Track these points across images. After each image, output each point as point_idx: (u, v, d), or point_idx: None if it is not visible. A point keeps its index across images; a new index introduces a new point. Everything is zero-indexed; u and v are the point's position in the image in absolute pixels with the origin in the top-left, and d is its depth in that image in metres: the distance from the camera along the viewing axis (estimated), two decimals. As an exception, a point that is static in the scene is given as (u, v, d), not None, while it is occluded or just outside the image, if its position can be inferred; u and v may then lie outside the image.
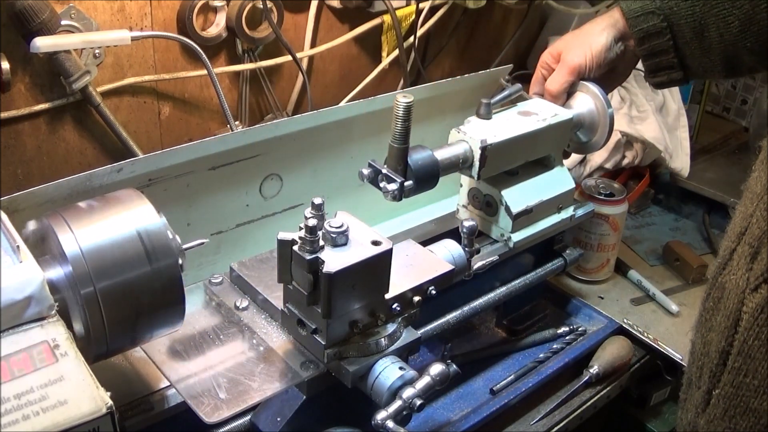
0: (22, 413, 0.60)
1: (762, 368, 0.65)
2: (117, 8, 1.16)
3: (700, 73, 1.07)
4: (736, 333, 0.67)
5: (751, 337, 0.65)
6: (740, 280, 0.67)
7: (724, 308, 0.68)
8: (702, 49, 1.03)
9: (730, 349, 0.68)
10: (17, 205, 0.84)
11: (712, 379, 0.70)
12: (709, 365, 0.70)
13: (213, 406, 0.81)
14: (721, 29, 1.01)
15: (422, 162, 0.98)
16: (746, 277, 0.66)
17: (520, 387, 1.11)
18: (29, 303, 0.66)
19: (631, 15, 1.05)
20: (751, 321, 0.65)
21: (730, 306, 0.68)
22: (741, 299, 0.67)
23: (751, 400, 0.66)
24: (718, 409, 0.70)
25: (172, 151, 0.97)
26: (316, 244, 0.81)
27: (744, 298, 0.66)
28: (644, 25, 1.04)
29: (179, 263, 0.77)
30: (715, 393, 0.70)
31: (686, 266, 1.43)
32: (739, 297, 0.67)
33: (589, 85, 1.16)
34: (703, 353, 0.71)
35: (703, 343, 0.72)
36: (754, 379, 0.66)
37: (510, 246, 1.11)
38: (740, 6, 0.99)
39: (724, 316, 0.68)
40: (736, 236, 0.70)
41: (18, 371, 0.63)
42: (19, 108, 1.13)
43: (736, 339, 0.67)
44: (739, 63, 1.04)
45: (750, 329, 0.65)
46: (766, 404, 0.65)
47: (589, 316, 1.30)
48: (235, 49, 1.34)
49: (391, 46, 1.52)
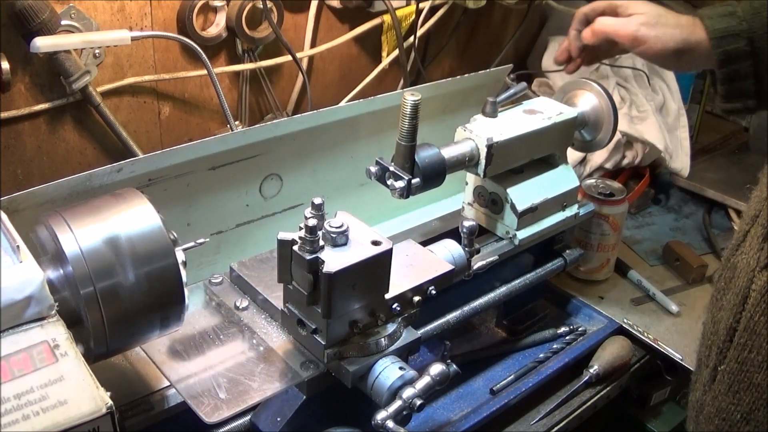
0: (22, 413, 0.60)
1: (766, 344, 0.66)
2: (117, 8, 1.16)
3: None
4: (743, 310, 0.68)
5: (758, 314, 0.66)
6: (751, 259, 0.68)
7: (734, 287, 0.69)
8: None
9: (737, 326, 0.69)
10: (17, 205, 0.84)
11: (718, 356, 0.71)
12: (717, 342, 0.71)
13: (213, 406, 0.81)
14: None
15: (429, 160, 0.98)
16: (757, 257, 0.67)
17: (520, 387, 1.11)
18: (29, 303, 0.66)
19: (716, 35, 0.99)
20: (758, 298, 0.66)
21: (739, 284, 0.69)
22: (750, 278, 0.68)
23: (754, 375, 0.67)
24: (723, 384, 0.70)
25: (172, 151, 0.97)
26: (316, 244, 0.81)
27: (753, 276, 0.67)
28: (728, 47, 0.98)
29: (179, 263, 0.77)
30: (721, 369, 0.71)
31: (686, 266, 1.43)
32: (749, 276, 0.68)
33: (594, 84, 1.16)
34: (712, 332, 0.72)
35: (712, 322, 0.72)
36: (758, 355, 0.66)
37: (515, 243, 1.12)
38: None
39: (734, 294, 0.69)
40: (750, 219, 0.71)
41: (18, 371, 0.63)
42: (19, 108, 1.13)
43: (743, 316, 0.68)
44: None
45: (756, 306, 0.66)
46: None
47: (589, 316, 1.30)
48: (235, 49, 1.34)
49: (391, 46, 1.52)
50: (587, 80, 1.18)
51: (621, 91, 1.60)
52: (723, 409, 0.71)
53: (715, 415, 0.72)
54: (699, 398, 0.76)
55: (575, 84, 1.20)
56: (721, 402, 0.71)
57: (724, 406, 0.71)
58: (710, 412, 0.73)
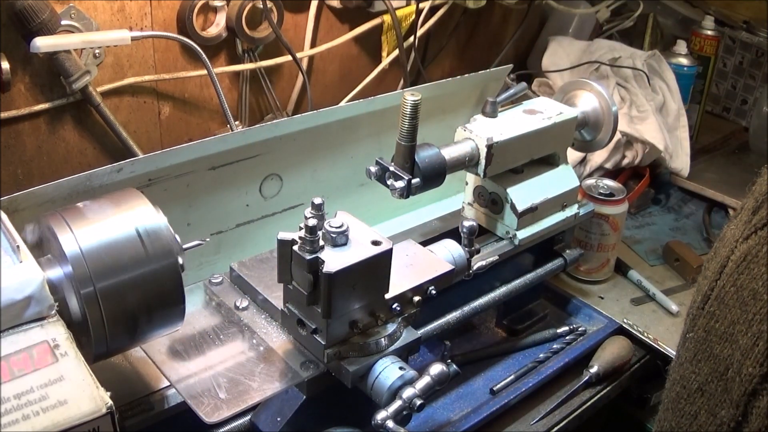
0: (22, 413, 0.60)
1: (731, 314, 0.65)
2: (117, 8, 1.16)
3: None
4: (719, 279, 0.68)
5: (729, 283, 0.66)
6: (737, 230, 0.68)
7: (718, 256, 0.69)
8: None
9: (711, 294, 0.68)
10: (17, 205, 0.84)
11: (690, 323, 0.71)
12: (692, 310, 0.71)
13: (213, 406, 0.81)
14: None
15: (429, 160, 0.98)
16: (743, 228, 0.67)
17: (520, 387, 1.11)
18: (29, 303, 0.66)
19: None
20: (733, 267, 0.66)
21: (722, 254, 0.69)
22: (732, 248, 0.67)
23: (715, 345, 0.67)
24: (689, 352, 0.71)
25: (172, 151, 0.97)
26: (316, 244, 0.81)
27: (735, 246, 0.67)
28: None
29: (179, 263, 0.77)
30: (689, 336, 0.71)
31: (686, 266, 1.43)
32: (731, 246, 0.68)
33: (594, 84, 1.16)
34: (693, 300, 0.72)
35: (696, 291, 0.72)
36: (722, 326, 0.66)
37: (515, 243, 1.12)
38: None
39: (716, 263, 0.69)
40: (750, 194, 0.71)
41: (18, 371, 0.63)
42: (19, 108, 1.13)
43: (716, 284, 0.68)
44: None
45: (730, 275, 0.66)
46: (726, 351, 0.66)
47: (589, 316, 1.30)
48: (235, 49, 1.34)
49: (391, 46, 1.52)
50: (587, 80, 1.18)
51: (621, 91, 1.60)
52: (684, 377, 0.71)
53: (678, 383, 0.72)
54: (672, 365, 0.76)
55: (575, 84, 1.20)
56: (685, 370, 0.71)
57: (686, 374, 0.71)
58: (674, 378, 0.73)
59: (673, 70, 1.66)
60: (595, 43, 1.73)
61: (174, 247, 0.77)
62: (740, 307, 0.64)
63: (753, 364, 0.61)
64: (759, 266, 0.63)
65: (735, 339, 0.64)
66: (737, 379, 0.63)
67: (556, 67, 1.69)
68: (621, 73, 1.63)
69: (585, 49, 1.72)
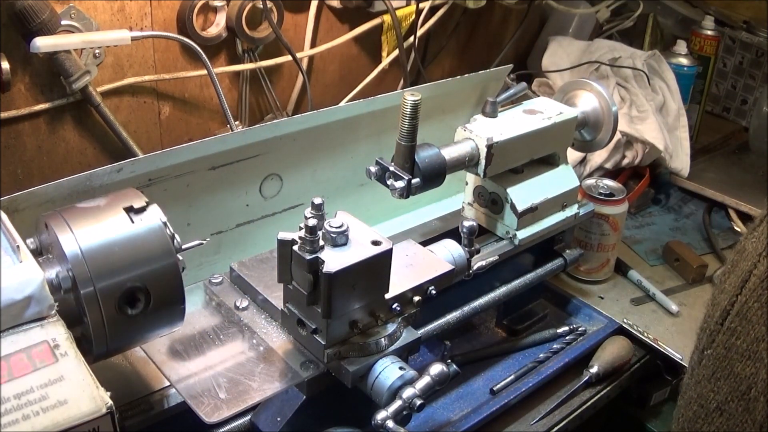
0: (22, 413, 0.60)
1: (754, 331, 0.64)
2: (117, 8, 1.16)
3: None
4: (740, 294, 0.66)
5: (752, 299, 0.64)
6: (760, 244, 0.66)
7: (738, 270, 0.67)
8: None
9: (731, 310, 0.67)
10: (17, 205, 0.84)
11: (708, 339, 0.69)
12: (710, 325, 0.69)
13: (213, 406, 0.81)
14: None
15: (429, 160, 0.98)
16: (765, 242, 0.66)
17: (520, 387, 1.11)
18: (29, 303, 0.66)
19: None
20: (757, 283, 0.64)
21: (743, 268, 0.66)
22: (755, 262, 0.65)
23: (736, 363, 0.65)
24: (707, 370, 0.69)
25: (172, 151, 0.97)
26: (316, 244, 0.81)
27: (758, 261, 0.65)
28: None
29: (179, 263, 0.77)
30: (707, 353, 0.69)
31: (686, 266, 1.43)
32: (753, 260, 0.66)
33: (594, 84, 1.16)
34: (709, 315, 0.70)
35: (712, 305, 0.70)
36: (743, 343, 0.64)
37: (515, 243, 1.12)
38: None
39: (736, 276, 0.67)
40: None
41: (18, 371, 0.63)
42: (19, 108, 1.13)
43: (737, 300, 0.66)
44: None
45: (753, 291, 0.64)
46: (748, 370, 0.64)
47: (589, 316, 1.30)
48: (235, 49, 1.34)
49: (391, 46, 1.52)
50: (587, 80, 1.18)
51: (621, 91, 1.60)
52: (702, 396, 0.69)
53: (695, 401, 0.70)
54: (686, 382, 0.74)
55: (575, 84, 1.20)
56: (702, 388, 0.69)
57: (704, 392, 0.69)
58: (690, 397, 0.71)
59: (673, 70, 1.66)
60: (595, 43, 1.73)
61: (174, 247, 0.77)
62: (765, 323, 0.62)
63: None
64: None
65: (760, 357, 0.62)
66: (761, 399, 0.61)
67: (556, 67, 1.69)
68: (621, 73, 1.63)
69: (585, 49, 1.72)
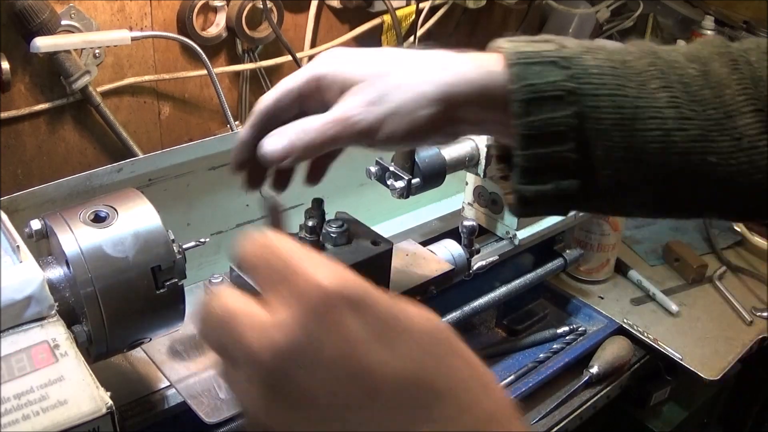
0: (22, 413, 0.60)
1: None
2: (117, 8, 1.16)
3: (612, 191, 0.60)
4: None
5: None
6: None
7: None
8: (627, 148, 0.59)
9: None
10: (17, 205, 0.84)
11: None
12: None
13: (213, 406, 0.81)
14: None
15: (430, 160, 0.98)
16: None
17: (520, 387, 1.11)
18: (29, 303, 0.66)
19: (517, 59, 0.58)
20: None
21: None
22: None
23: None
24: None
25: (172, 151, 0.97)
26: (316, 244, 0.81)
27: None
28: (536, 81, 0.57)
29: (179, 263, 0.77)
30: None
31: (686, 266, 1.43)
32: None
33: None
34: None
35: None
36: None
37: (515, 243, 1.12)
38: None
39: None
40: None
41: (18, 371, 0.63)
42: (19, 108, 1.13)
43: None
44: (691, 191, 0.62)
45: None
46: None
47: (589, 316, 1.30)
48: (235, 49, 1.34)
49: (391, 46, 1.52)
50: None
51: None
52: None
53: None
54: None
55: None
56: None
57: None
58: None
59: (673, 70, 1.66)
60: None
61: (173, 247, 0.77)
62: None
63: None
64: None
65: None
66: None
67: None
68: (621, 73, 1.62)
69: (585, 49, 1.71)
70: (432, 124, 0.60)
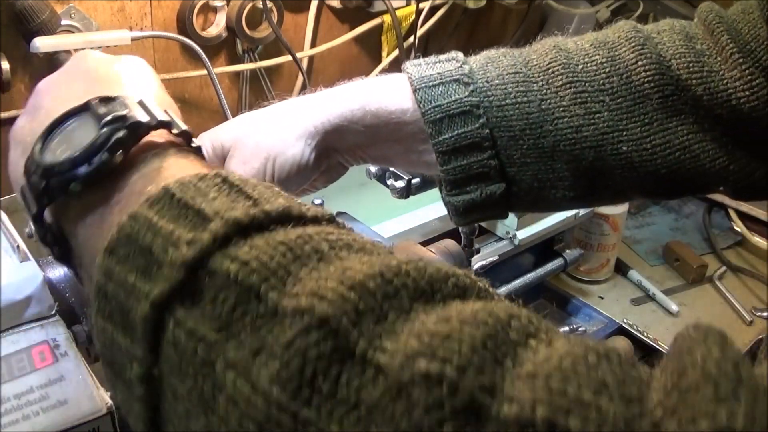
0: (22, 413, 0.60)
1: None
2: (117, 8, 1.16)
3: (535, 189, 0.64)
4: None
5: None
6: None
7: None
8: (539, 150, 0.62)
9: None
10: (17, 205, 0.84)
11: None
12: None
13: (213, 406, 0.81)
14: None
15: (429, 160, 0.98)
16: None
17: (520, 387, 1.11)
18: (29, 303, 0.66)
19: (421, 83, 0.62)
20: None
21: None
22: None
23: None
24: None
25: (172, 151, 0.96)
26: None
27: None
28: (442, 101, 0.61)
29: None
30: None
31: (686, 266, 1.43)
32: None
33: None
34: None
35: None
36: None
37: (515, 243, 1.12)
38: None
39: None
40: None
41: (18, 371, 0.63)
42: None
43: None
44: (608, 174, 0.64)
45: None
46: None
47: (589, 316, 1.30)
48: (235, 49, 1.34)
49: (391, 46, 1.52)
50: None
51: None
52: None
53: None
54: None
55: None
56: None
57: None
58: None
59: (673, 70, 1.66)
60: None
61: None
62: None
63: None
64: None
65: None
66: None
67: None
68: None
69: (585, 49, 1.71)
70: (310, 158, 0.64)
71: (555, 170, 0.63)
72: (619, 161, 0.62)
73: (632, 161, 0.62)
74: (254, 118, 0.67)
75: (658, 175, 0.63)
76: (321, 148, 0.64)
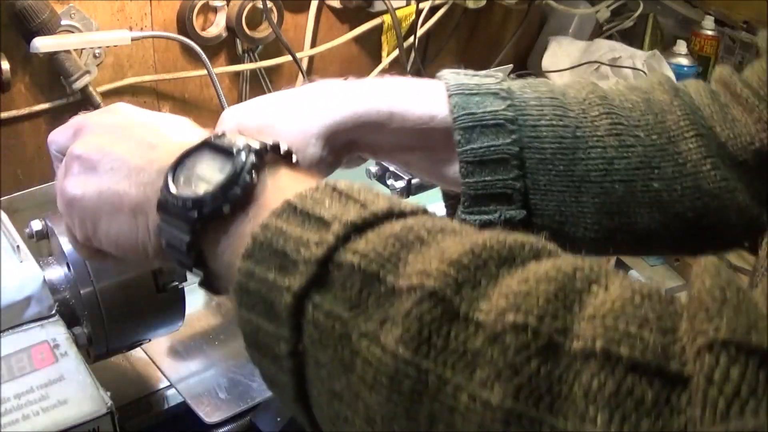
0: (22, 413, 0.60)
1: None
2: (117, 8, 1.16)
3: (557, 223, 0.63)
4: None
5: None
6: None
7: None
8: (569, 177, 0.61)
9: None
10: (17, 205, 0.84)
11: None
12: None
13: (213, 406, 0.81)
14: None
15: (428, 160, 0.98)
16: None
17: (520, 387, 1.11)
18: (29, 303, 0.67)
19: (458, 90, 0.61)
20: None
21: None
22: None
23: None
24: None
25: (172, 151, 0.96)
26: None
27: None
28: (477, 110, 0.60)
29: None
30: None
31: (686, 266, 1.43)
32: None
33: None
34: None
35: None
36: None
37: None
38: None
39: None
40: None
41: (18, 371, 0.63)
42: (19, 108, 1.13)
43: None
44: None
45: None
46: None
47: (589, 316, 1.30)
48: (235, 49, 1.34)
49: (391, 46, 1.52)
50: (587, 80, 1.18)
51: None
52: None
53: None
54: None
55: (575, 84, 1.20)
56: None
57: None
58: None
59: (673, 70, 1.66)
60: (595, 43, 1.73)
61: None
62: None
63: None
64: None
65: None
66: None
67: (556, 67, 1.69)
68: (621, 73, 1.63)
69: (585, 49, 1.71)
70: (329, 158, 0.63)
71: (580, 203, 0.62)
72: (648, 199, 0.62)
73: (662, 201, 0.62)
74: (279, 105, 0.65)
75: (684, 219, 0.63)
76: (342, 143, 0.64)
